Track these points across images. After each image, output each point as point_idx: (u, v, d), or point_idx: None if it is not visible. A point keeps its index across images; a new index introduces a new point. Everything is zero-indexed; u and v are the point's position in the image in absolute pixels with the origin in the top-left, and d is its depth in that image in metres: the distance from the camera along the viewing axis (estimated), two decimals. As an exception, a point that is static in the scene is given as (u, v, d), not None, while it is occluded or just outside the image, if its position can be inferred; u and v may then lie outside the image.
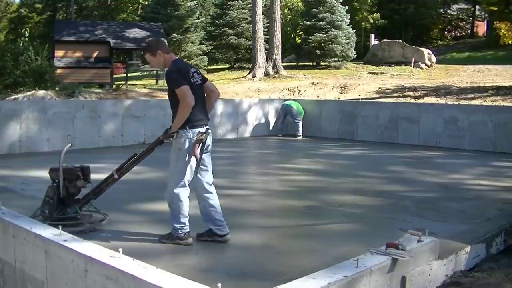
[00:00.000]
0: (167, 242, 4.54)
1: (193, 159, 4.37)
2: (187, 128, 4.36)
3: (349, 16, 31.11)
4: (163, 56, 4.50)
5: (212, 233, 4.59)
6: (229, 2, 32.38)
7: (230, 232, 4.62)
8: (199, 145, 4.35)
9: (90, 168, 5.10)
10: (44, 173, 8.12)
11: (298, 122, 13.87)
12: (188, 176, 4.44)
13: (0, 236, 3.83)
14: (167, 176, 4.55)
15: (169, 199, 4.50)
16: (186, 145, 4.36)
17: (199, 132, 4.39)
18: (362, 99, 18.20)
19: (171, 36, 28.79)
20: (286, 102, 14.39)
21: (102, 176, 5.02)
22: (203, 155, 4.46)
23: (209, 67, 31.71)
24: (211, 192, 4.58)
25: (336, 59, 29.46)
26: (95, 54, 25.68)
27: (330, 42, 29.09)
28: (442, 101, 17.85)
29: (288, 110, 14.00)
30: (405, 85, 21.70)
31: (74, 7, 42.12)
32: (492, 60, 30.56)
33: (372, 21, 39.79)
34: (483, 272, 4.23)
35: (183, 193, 4.46)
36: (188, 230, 4.53)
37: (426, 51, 28.73)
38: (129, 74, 28.50)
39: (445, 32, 46.47)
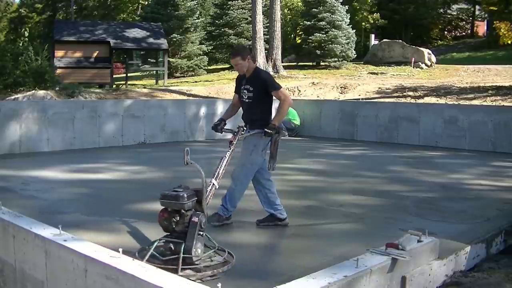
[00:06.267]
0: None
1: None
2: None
3: (349, 16, 31.07)
4: (249, 62, 5.02)
5: (274, 217, 5.07)
6: (229, 2, 32.36)
7: (230, 232, 4.62)
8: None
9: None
10: (44, 173, 8.16)
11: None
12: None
13: (0, 236, 3.83)
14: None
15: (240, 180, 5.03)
16: (267, 140, 4.92)
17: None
18: (362, 99, 18.19)
19: (171, 36, 28.75)
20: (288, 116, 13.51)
21: (103, 176, 4.99)
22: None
23: (209, 67, 31.67)
24: (271, 181, 5.14)
25: (336, 59, 29.42)
26: (95, 54, 25.66)
27: (330, 42, 29.06)
28: (442, 101, 17.84)
29: (287, 123, 13.49)
30: (405, 85, 21.68)
31: (74, 7, 42.12)
32: (492, 60, 30.53)
33: (372, 21, 39.76)
34: (483, 272, 4.23)
35: None
36: None
37: (426, 51, 28.68)
38: (129, 74, 28.46)
39: (445, 32, 46.43)
